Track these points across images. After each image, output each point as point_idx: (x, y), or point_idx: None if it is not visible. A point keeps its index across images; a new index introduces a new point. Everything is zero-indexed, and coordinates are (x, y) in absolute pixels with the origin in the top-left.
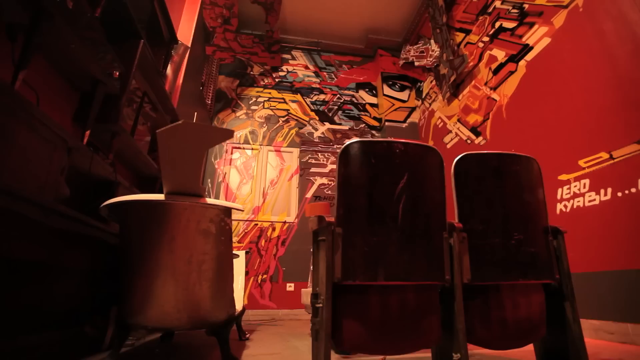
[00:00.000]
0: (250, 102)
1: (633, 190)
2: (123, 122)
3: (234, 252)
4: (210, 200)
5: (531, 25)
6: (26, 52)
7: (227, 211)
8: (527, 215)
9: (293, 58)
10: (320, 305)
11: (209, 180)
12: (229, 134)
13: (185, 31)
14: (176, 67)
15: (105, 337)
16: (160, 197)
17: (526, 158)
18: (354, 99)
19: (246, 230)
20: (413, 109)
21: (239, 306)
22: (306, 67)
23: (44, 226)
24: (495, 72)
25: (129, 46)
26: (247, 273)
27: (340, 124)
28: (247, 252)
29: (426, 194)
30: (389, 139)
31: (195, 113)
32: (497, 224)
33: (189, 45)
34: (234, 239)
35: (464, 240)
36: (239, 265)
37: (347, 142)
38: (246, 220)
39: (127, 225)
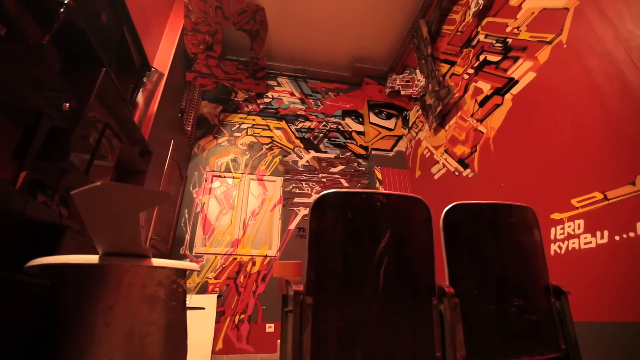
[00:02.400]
0: (233, 129)
1: (632, 234)
2: (77, 157)
3: (199, 306)
4: (157, 261)
5: (515, 59)
6: None
7: (181, 272)
8: (526, 275)
9: (278, 84)
10: None
11: (186, 210)
12: (164, 196)
13: (164, 57)
14: (149, 94)
15: None
16: (94, 258)
17: (521, 208)
18: (340, 126)
19: (224, 265)
20: (400, 138)
21: None
22: (292, 94)
23: None
24: (482, 104)
25: (87, 75)
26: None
27: (325, 152)
28: (219, 296)
29: (411, 255)
30: (370, 190)
31: (172, 140)
32: (493, 286)
33: (167, 71)
34: (211, 275)
35: (457, 307)
36: (208, 314)
37: (321, 192)
38: (224, 254)
39: (56, 291)
